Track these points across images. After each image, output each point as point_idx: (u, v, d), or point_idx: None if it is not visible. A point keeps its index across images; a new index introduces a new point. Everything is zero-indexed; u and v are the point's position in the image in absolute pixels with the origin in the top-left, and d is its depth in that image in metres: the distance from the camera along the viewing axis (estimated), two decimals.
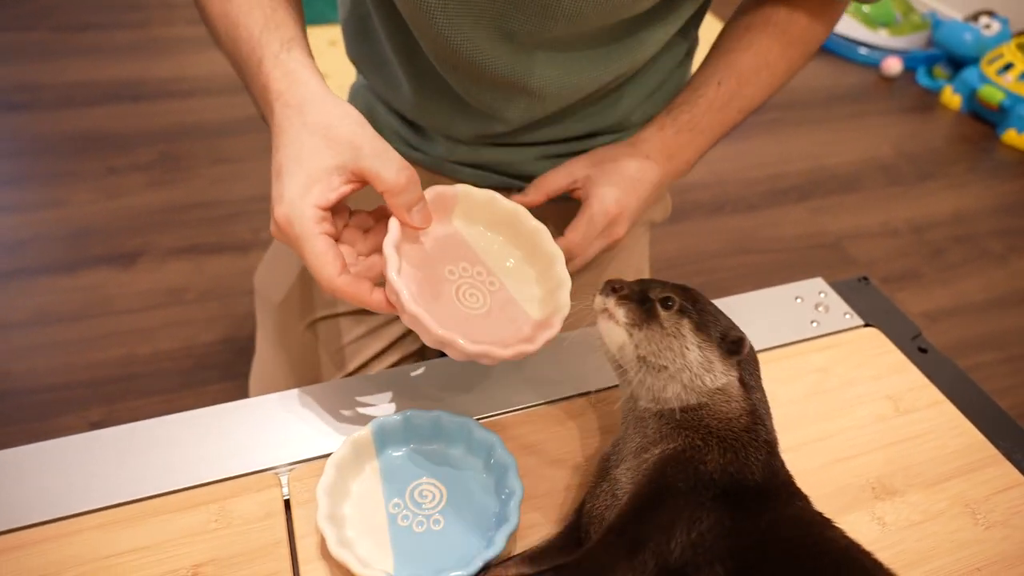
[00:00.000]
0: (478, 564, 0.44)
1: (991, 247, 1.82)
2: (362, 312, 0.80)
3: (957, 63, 2.61)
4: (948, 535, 0.52)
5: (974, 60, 2.52)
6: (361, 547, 0.46)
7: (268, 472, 0.53)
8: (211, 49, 2.33)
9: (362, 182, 0.49)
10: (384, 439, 0.52)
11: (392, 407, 0.58)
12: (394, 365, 0.80)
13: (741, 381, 0.46)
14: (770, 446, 0.46)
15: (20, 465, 0.52)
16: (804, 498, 0.45)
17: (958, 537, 0.52)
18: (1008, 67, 2.37)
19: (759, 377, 0.48)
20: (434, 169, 0.76)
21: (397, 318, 0.83)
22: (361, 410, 0.58)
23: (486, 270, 0.53)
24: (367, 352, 0.79)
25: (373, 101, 0.79)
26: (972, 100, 2.44)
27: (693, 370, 0.45)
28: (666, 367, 0.45)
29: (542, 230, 0.54)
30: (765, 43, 0.67)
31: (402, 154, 0.76)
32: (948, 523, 0.53)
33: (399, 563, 0.46)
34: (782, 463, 0.46)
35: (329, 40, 2.57)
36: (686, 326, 0.46)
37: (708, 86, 0.67)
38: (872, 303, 0.73)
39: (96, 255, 1.49)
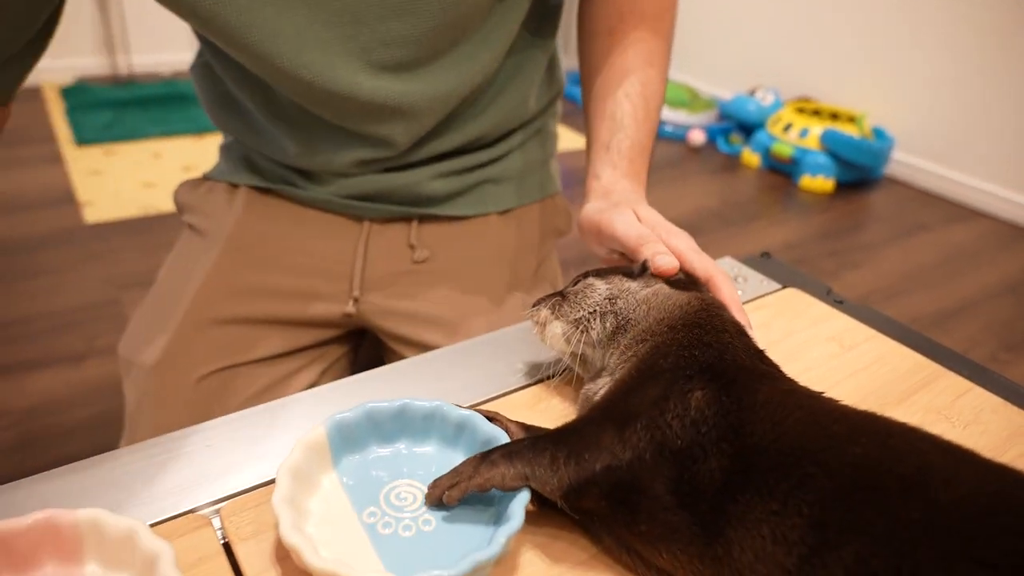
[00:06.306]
0: (500, 542, 0.36)
1: (824, 266, 2.03)
2: (273, 357, 0.71)
3: (747, 129, 2.99)
4: None
5: (760, 125, 2.90)
6: (344, 560, 0.36)
7: (190, 515, 0.41)
8: (7, 169, 2.12)
9: None
10: (342, 440, 0.43)
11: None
12: None
13: (669, 284, 0.49)
14: (740, 328, 0.45)
15: None
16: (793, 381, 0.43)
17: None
18: (788, 127, 2.75)
19: (697, 284, 0.50)
20: (331, 209, 0.72)
21: (314, 360, 0.74)
22: (291, 432, 0.48)
23: None
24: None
25: (254, 155, 0.74)
26: (768, 157, 2.79)
27: (610, 297, 0.48)
28: (593, 311, 0.47)
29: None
30: (634, 35, 0.67)
31: (294, 198, 0.72)
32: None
33: (393, 569, 0.37)
34: (757, 346, 0.45)
35: (153, 153, 2.49)
36: (591, 280, 0.50)
37: (619, 105, 0.65)
38: (780, 272, 0.76)
39: None
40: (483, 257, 0.75)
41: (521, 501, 0.38)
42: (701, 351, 0.41)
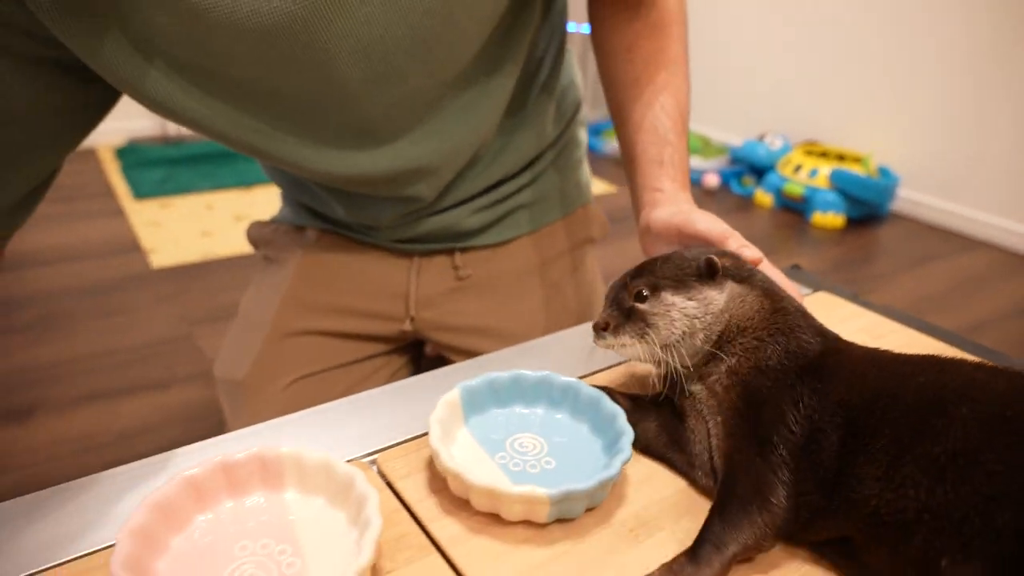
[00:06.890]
0: (617, 466, 0.45)
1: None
2: (346, 364, 0.81)
3: (758, 172, 3.12)
4: None
5: (770, 167, 3.03)
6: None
7: (354, 462, 0.51)
8: (73, 222, 2.27)
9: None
10: (471, 402, 0.52)
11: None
12: None
13: (737, 281, 0.50)
14: (803, 312, 0.50)
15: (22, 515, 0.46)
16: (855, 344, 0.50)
17: None
18: (798, 168, 2.87)
19: (746, 265, 0.52)
20: (389, 250, 0.81)
21: (383, 366, 0.84)
22: (417, 404, 0.57)
23: (292, 548, 0.43)
24: None
25: (320, 208, 0.82)
26: (780, 196, 2.91)
27: (699, 315, 0.49)
28: (684, 332, 0.49)
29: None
30: (656, 48, 0.69)
31: (358, 241, 0.81)
32: None
33: None
34: (821, 324, 0.51)
35: (206, 204, 2.62)
36: (667, 298, 0.49)
37: (659, 120, 0.67)
38: (809, 281, 0.86)
39: None
40: (519, 272, 0.84)
41: (628, 438, 0.47)
42: (790, 359, 0.46)
